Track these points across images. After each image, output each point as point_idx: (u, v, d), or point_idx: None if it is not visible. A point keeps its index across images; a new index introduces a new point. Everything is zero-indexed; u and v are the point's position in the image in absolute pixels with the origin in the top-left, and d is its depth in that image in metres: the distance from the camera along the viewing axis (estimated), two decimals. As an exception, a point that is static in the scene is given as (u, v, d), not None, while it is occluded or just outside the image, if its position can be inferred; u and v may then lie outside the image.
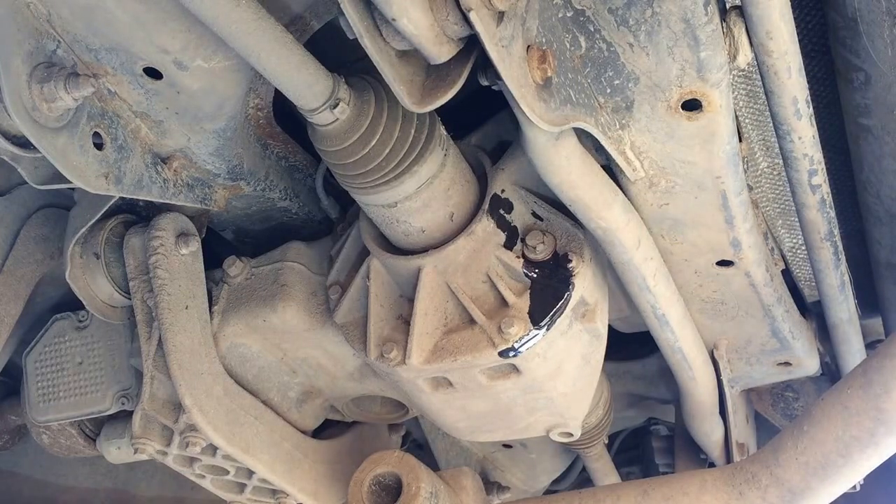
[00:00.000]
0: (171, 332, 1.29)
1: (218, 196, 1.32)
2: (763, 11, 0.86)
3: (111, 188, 1.10)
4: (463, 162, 1.15)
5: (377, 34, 0.85)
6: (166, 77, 1.06)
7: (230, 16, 0.84)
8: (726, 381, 1.59)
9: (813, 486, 1.22)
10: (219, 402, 1.30)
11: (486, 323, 1.12)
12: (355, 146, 1.02)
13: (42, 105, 0.96)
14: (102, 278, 1.40)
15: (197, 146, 1.21)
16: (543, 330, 1.11)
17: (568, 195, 1.07)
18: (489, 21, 0.81)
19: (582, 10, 0.91)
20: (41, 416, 1.55)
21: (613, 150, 1.03)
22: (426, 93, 0.92)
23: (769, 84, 0.95)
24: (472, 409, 1.26)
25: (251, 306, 1.36)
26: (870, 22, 0.96)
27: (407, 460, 1.17)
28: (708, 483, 1.32)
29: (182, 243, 1.33)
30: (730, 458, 1.71)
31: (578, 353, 1.21)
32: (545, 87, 0.92)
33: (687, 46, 0.90)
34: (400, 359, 1.15)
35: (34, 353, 1.55)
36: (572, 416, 1.30)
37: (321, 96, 0.97)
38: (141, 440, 1.36)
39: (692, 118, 0.99)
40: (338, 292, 1.28)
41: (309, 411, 1.50)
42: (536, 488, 2.13)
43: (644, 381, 1.83)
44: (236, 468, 1.41)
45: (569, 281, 1.12)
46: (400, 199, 1.08)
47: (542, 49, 0.90)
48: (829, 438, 1.18)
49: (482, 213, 1.13)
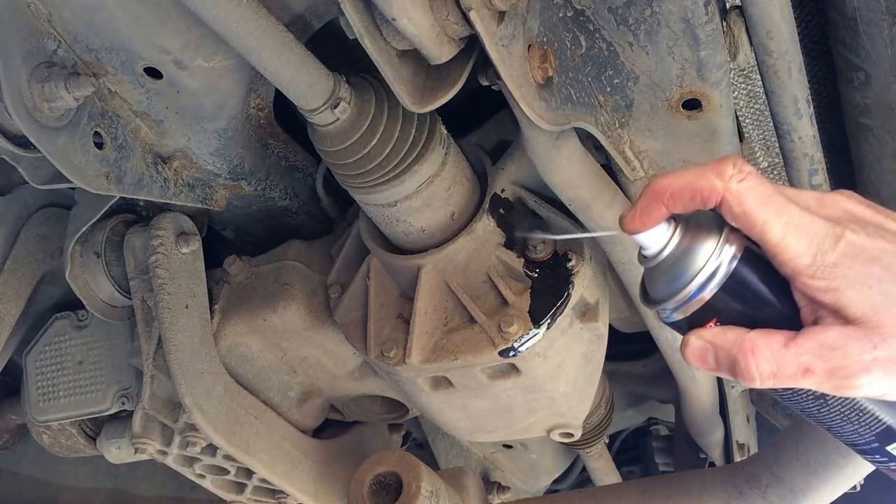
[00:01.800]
0: (171, 331, 1.29)
1: (218, 196, 1.32)
2: (763, 11, 0.87)
3: (112, 188, 1.10)
4: (463, 161, 1.15)
5: (377, 34, 0.85)
6: (167, 77, 1.06)
7: (231, 15, 0.84)
8: (726, 382, 1.59)
9: (814, 485, 1.22)
10: (219, 401, 1.30)
11: (486, 322, 1.12)
12: (356, 146, 1.02)
13: (42, 105, 0.96)
14: (103, 278, 1.40)
15: (197, 146, 1.21)
16: (543, 329, 1.11)
17: (568, 194, 1.07)
18: (489, 21, 0.81)
19: (582, 10, 0.91)
20: (41, 415, 1.55)
21: (613, 149, 1.03)
22: (426, 93, 0.92)
23: (769, 83, 0.95)
24: (472, 409, 1.26)
25: (252, 305, 1.36)
26: (870, 21, 0.96)
27: (407, 460, 1.17)
28: (708, 483, 1.32)
29: (182, 242, 1.33)
30: (730, 458, 1.71)
31: (579, 353, 1.21)
32: (545, 86, 0.92)
33: (687, 46, 0.90)
34: (400, 358, 1.15)
35: (34, 353, 1.55)
36: (573, 416, 1.30)
37: (322, 96, 0.97)
38: (141, 440, 1.36)
39: (692, 117, 0.99)
40: (338, 291, 1.28)
41: (309, 411, 1.50)
42: (537, 488, 2.13)
43: (644, 381, 1.83)
44: (236, 468, 1.42)
45: (569, 280, 1.12)
46: (400, 199, 1.08)
47: (543, 48, 0.90)
48: (829, 438, 1.18)
49: (482, 213, 1.14)
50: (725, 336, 0.71)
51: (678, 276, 0.72)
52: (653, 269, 0.75)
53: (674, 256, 0.72)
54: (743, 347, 0.69)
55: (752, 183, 0.68)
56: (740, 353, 0.69)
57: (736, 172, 0.69)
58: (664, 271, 0.73)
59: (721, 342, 0.71)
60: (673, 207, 0.71)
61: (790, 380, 0.68)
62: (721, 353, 0.70)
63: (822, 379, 0.67)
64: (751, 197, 0.68)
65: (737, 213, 0.69)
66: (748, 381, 0.69)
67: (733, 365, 0.70)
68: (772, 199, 0.68)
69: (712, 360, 0.71)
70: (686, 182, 0.70)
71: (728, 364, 0.70)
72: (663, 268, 0.73)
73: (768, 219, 0.67)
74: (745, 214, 0.68)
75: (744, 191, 0.68)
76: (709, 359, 0.71)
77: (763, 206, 0.68)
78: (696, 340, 0.72)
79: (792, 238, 0.67)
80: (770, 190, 0.69)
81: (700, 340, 0.72)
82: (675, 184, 0.70)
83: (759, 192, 0.68)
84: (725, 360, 0.70)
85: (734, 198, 0.68)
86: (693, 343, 0.72)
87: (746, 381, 0.69)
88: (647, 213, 0.72)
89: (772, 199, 0.68)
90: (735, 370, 0.70)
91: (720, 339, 0.71)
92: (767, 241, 0.68)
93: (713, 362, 0.71)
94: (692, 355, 0.72)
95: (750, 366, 0.68)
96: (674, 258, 0.72)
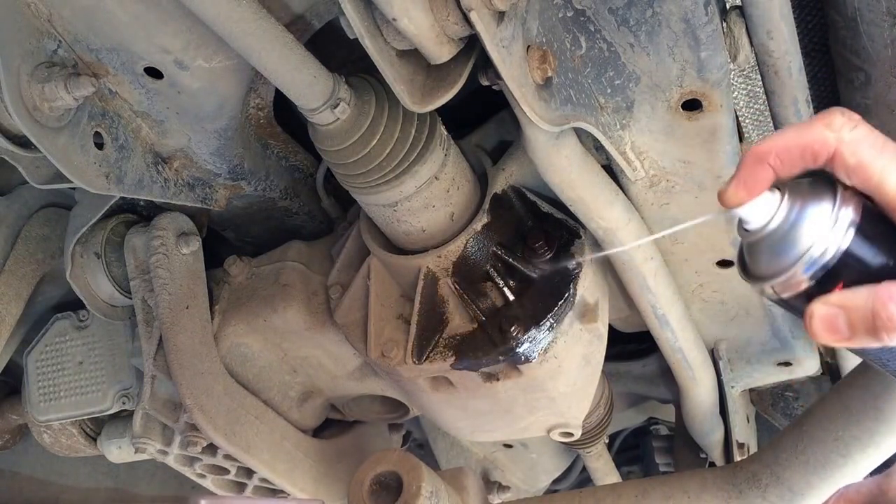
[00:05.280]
0: (171, 331, 1.29)
1: (219, 196, 1.32)
2: (763, 11, 0.87)
3: (112, 188, 1.10)
4: (463, 161, 1.15)
5: (378, 34, 0.85)
6: (167, 77, 1.06)
7: (231, 15, 0.84)
8: (726, 381, 1.59)
9: (813, 485, 1.22)
10: (219, 401, 1.31)
11: (487, 322, 1.12)
12: (356, 146, 1.02)
13: (43, 105, 0.96)
14: (103, 278, 1.40)
15: (198, 146, 1.21)
16: (545, 329, 1.11)
17: (568, 195, 1.07)
18: (490, 21, 0.81)
19: (582, 10, 0.91)
20: (42, 415, 1.55)
21: (614, 150, 1.03)
22: (426, 93, 0.92)
23: (769, 84, 0.95)
24: (472, 409, 1.26)
25: (252, 306, 1.36)
26: (870, 22, 0.96)
27: (407, 459, 1.17)
28: (708, 482, 1.32)
29: (183, 243, 1.34)
30: (730, 458, 1.71)
31: (579, 353, 1.21)
32: (545, 87, 0.92)
33: (687, 46, 0.90)
34: (401, 358, 1.15)
35: (35, 353, 1.56)
36: (573, 415, 1.30)
37: (322, 96, 0.97)
38: (142, 440, 1.37)
39: (693, 118, 0.99)
40: (338, 292, 1.28)
41: (309, 411, 1.50)
42: (537, 488, 2.13)
43: (644, 381, 1.83)
44: (237, 468, 1.42)
45: (569, 280, 1.13)
46: (400, 199, 1.08)
47: (543, 49, 0.90)
48: (829, 438, 1.19)
49: (483, 213, 1.14)
50: (856, 295, 0.64)
51: (792, 246, 0.65)
52: (758, 242, 0.68)
53: (785, 226, 0.66)
54: (881, 297, 0.62)
55: (864, 131, 0.63)
56: (879, 303, 0.62)
57: (847, 121, 0.63)
58: (773, 244, 0.66)
59: (852, 302, 0.64)
60: (781, 169, 0.65)
61: None
62: (855, 313, 0.64)
63: None
64: (866, 145, 0.63)
65: (851, 164, 0.63)
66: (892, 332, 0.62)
67: (873, 321, 0.63)
68: (887, 146, 0.63)
69: (844, 325, 0.64)
70: (793, 138, 0.65)
71: (865, 323, 0.63)
72: (772, 240, 0.66)
73: (885, 166, 0.62)
74: (860, 165, 0.63)
75: (858, 139, 0.63)
76: (840, 325, 0.64)
77: (879, 153, 0.63)
78: (823, 307, 0.65)
79: None
80: (882, 138, 0.64)
81: (827, 307, 0.65)
82: (781, 142, 0.65)
83: (874, 141, 0.63)
84: (861, 320, 0.63)
85: (848, 148, 0.63)
86: (819, 311, 0.65)
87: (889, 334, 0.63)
88: (752, 180, 0.66)
89: (887, 147, 0.63)
90: (876, 327, 0.63)
91: (850, 300, 0.64)
92: (888, 192, 0.62)
93: (846, 328, 0.64)
94: (820, 325, 0.65)
95: (893, 314, 0.62)
96: (785, 228, 0.66)
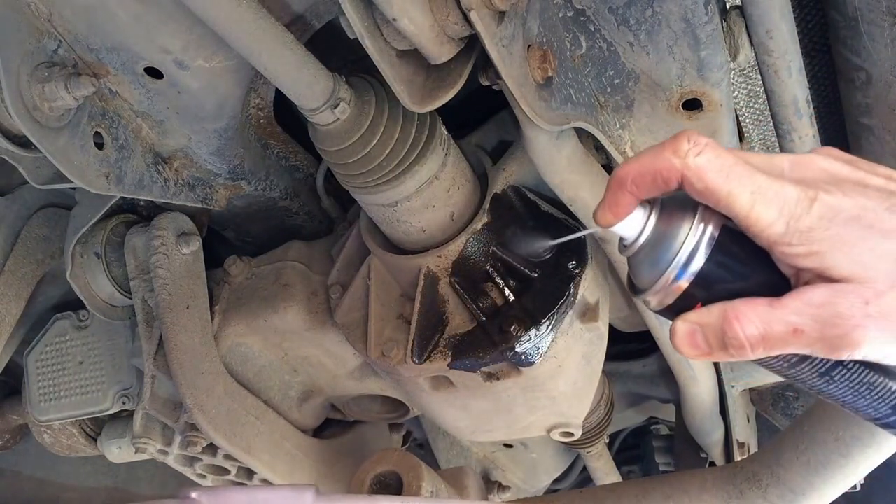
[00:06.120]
0: (172, 331, 1.29)
1: (219, 195, 1.32)
2: (763, 11, 0.87)
3: (112, 188, 1.10)
4: (464, 161, 1.15)
5: (378, 34, 0.85)
6: (167, 77, 1.06)
7: (231, 16, 0.84)
8: (726, 381, 1.59)
9: (814, 485, 1.22)
10: (220, 401, 1.31)
11: (487, 322, 1.12)
12: (356, 146, 1.02)
13: (43, 105, 0.96)
14: (103, 278, 1.40)
15: (198, 146, 1.21)
16: (545, 329, 1.11)
17: (568, 194, 1.07)
18: (490, 21, 0.81)
19: (582, 10, 0.91)
20: (42, 415, 1.55)
21: (614, 149, 1.03)
22: (427, 93, 0.92)
23: (769, 83, 0.95)
24: (472, 408, 1.26)
25: (252, 306, 1.36)
26: (871, 21, 0.96)
27: (408, 459, 1.17)
28: (708, 482, 1.32)
29: (183, 243, 1.34)
30: (730, 458, 1.71)
31: (579, 353, 1.21)
32: (546, 86, 0.92)
33: (687, 46, 0.90)
34: (401, 358, 1.15)
35: (35, 353, 1.56)
36: (573, 415, 1.30)
37: (322, 96, 0.97)
38: (142, 440, 1.37)
39: (692, 117, 0.99)
40: (338, 292, 1.28)
41: (310, 411, 1.50)
42: (537, 487, 2.13)
43: (644, 380, 1.83)
44: (237, 468, 1.42)
45: (569, 280, 1.13)
46: (401, 199, 1.08)
47: (543, 49, 0.90)
48: (829, 438, 1.19)
49: (483, 213, 1.14)
50: (710, 312, 0.66)
51: (656, 262, 0.68)
52: (633, 257, 0.71)
53: (650, 243, 0.69)
54: (727, 316, 0.65)
55: (710, 155, 0.64)
56: (725, 322, 0.65)
57: (692, 146, 0.64)
58: (643, 259, 0.70)
59: (706, 319, 0.66)
60: (638, 193, 0.67)
61: (781, 342, 0.64)
62: (708, 330, 0.66)
63: (814, 339, 0.63)
64: (711, 170, 0.63)
65: (699, 189, 0.64)
66: (738, 350, 0.65)
67: (722, 339, 0.65)
68: (734, 169, 0.63)
69: (702, 341, 0.67)
70: (644, 165, 0.66)
71: (717, 340, 0.66)
72: (642, 255, 0.70)
73: (732, 190, 0.63)
74: (707, 190, 0.64)
75: (702, 164, 0.64)
76: (698, 341, 0.67)
77: (725, 177, 0.63)
78: (682, 325, 0.68)
79: (761, 207, 0.62)
80: (731, 160, 0.64)
81: (686, 323, 0.67)
82: (636, 168, 0.66)
83: (720, 164, 0.64)
84: (714, 337, 0.66)
85: (693, 174, 0.64)
86: (680, 328, 0.68)
87: (737, 352, 0.65)
88: (615, 204, 0.68)
89: (734, 170, 0.63)
90: (724, 344, 0.65)
91: (705, 317, 0.66)
92: (736, 214, 0.64)
93: (703, 344, 0.67)
94: (681, 342, 0.68)
95: (737, 333, 0.64)
96: (650, 245, 0.69)
